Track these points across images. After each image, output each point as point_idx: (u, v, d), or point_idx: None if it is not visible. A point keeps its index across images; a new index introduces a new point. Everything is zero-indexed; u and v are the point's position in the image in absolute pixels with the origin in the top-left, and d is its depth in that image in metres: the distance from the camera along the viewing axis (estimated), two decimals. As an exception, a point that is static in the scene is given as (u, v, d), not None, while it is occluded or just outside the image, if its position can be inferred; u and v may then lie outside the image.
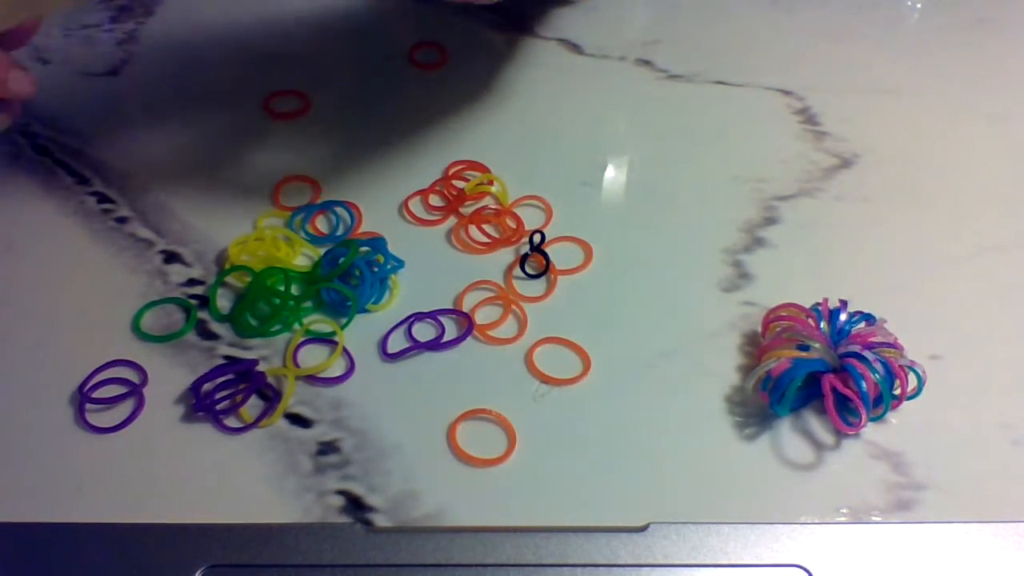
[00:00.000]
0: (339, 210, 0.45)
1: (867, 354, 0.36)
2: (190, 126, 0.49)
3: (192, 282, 0.42)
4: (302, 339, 0.40)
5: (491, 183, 0.46)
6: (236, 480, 0.35)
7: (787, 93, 0.52)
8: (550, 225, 0.45)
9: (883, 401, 0.36)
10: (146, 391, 0.38)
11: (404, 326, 0.40)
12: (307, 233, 0.44)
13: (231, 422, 0.37)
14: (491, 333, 0.40)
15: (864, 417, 0.35)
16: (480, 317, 0.41)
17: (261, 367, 0.39)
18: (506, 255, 0.44)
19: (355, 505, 0.34)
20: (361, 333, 0.40)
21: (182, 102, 0.51)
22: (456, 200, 0.45)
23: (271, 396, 0.38)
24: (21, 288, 0.42)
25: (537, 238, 0.43)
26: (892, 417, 0.37)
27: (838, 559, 0.32)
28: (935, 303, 0.41)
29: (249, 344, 0.40)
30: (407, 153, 0.48)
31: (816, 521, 0.34)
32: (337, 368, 0.39)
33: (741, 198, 0.46)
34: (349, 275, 0.41)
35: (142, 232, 0.44)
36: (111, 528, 0.33)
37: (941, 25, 0.57)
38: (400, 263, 0.43)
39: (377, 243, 0.42)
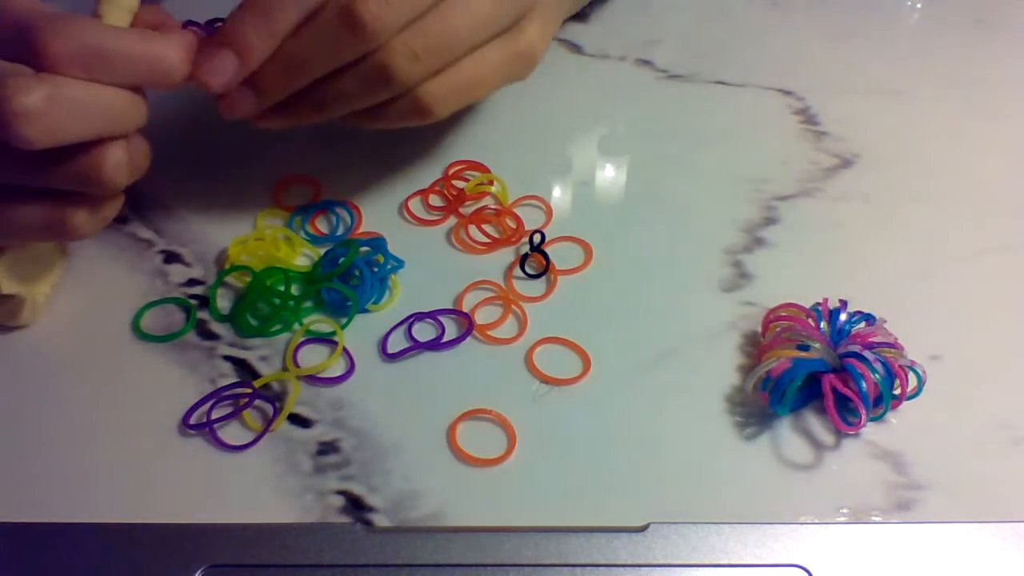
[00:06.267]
0: (339, 210, 0.45)
1: (867, 354, 0.36)
2: (189, 126, 0.49)
3: (192, 282, 0.42)
4: (302, 339, 0.40)
5: (491, 183, 0.46)
6: (236, 480, 0.35)
7: (787, 93, 0.52)
8: (550, 225, 0.45)
9: (883, 401, 0.36)
10: (146, 391, 0.38)
11: (404, 326, 0.40)
12: (307, 233, 0.44)
13: (232, 439, 0.36)
14: (491, 333, 0.40)
15: (864, 417, 0.35)
16: (480, 317, 0.41)
17: (261, 368, 0.39)
18: (506, 255, 0.44)
19: (355, 505, 0.34)
20: (361, 333, 0.40)
21: (182, 102, 0.51)
22: (456, 200, 0.45)
23: (271, 413, 0.37)
24: (21, 288, 0.42)
25: (537, 238, 0.43)
26: (892, 417, 0.37)
27: (838, 559, 0.32)
28: (935, 303, 0.41)
29: (249, 344, 0.40)
30: (407, 153, 0.48)
31: (816, 521, 0.34)
32: (337, 368, 0.39)
33: (741, 198, 0.46)
34: (349, 275, 0.41)
35: (142, 232, 0.44)
36: (111, 528, 0.33)
37: (941, 25, 0.57)
38: (400, 263, 0.43)
39: (377, 243, 0.42)
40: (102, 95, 0.33)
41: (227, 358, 0.39)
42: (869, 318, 0.38)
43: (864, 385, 0.35)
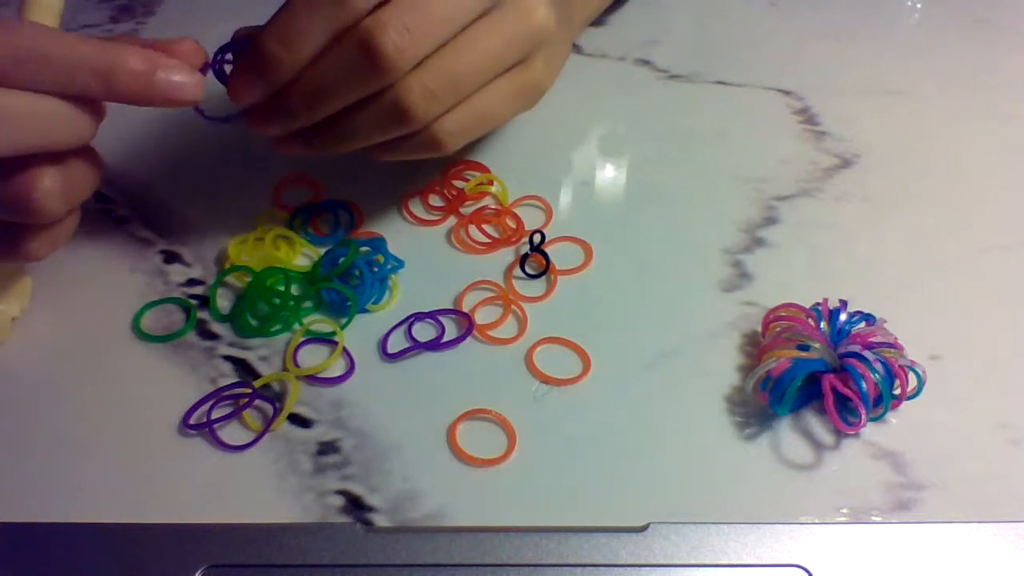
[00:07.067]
0: (339, 210, 0.45)
1: (867, 354, 0.36)
2: (190, 125, 0.49)
3: (192, 282, 0.42)
4: (302, 339, 0.40)
5: (491, 183, 0.46)
6: (236, 480, 0.35)
7: (787, 93, 0.52)
8: (550, 225, 0.45)
9: (883, 401, 0.36)
10: (146, 391, 0.38)
11: (404, 326, 0.40)
12: (307, 233, 0.44)
13: (232, 439, 0.36)
14: (491, 333, 0.40)
15: (864, 417, 0.35)
16: (480, 317, 0.41)
17: (261, 368, 0.39)
18: (506, 255, 0.44)
19: (355, 505, 0.34)
20: (361, 333, 0.40)
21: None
22: (456, 200, 0.45)
23: (271, 413, 0.37)
24: (21, 288, 0.42)
25: (537, 238, 0.43)
26: (892, 417, 0.37)
27: (838, 559, 0.32)
28: (935, 303, 0.41)
29: (249, 344, 0.40)
30: (407, 153, 0.48)
31: (816, 521, 0.34)
32: (337, 368, 0.39)
33: (741, 198, 0.46)
34: (349, 275, 0.41)
35: (142, 232, 0.44)
36: (111, 528, 0.33)
37: (941, 25, 0.57)
38: (400, 263, 0.43)
39: (377, 243, 0.42)
40: (23, 102, 0.31)
41: (227, 358, 0.39)
42: (869, 318, 0.38)
43: (864, 385, 0.35)
